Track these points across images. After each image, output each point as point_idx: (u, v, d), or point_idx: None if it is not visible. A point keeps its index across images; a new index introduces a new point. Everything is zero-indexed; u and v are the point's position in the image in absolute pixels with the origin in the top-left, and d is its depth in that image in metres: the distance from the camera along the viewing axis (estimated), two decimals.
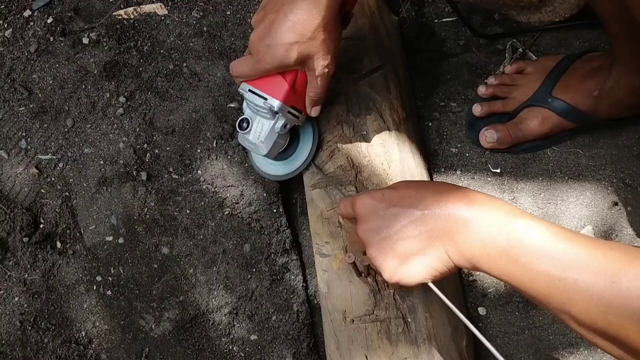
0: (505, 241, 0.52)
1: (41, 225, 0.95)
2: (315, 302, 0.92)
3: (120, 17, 1.06)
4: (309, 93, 0.77)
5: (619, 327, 0.44)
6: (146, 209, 0.94)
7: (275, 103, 0.74)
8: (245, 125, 0.79)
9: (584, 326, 0.48)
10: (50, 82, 1.03)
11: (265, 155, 0.82)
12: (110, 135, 0.99)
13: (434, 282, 0.61)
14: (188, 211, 0.93)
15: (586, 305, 0.46)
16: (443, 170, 0.96)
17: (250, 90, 0.76)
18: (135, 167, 0.96)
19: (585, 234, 0.51)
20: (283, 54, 0.69)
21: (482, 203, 0.55)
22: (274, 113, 0.76)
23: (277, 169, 0.89)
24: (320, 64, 0.71)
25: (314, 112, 0.80)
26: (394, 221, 0.60)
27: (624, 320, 0.44)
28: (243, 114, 0.80)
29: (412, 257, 0.59)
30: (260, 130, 0.79)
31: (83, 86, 1.02)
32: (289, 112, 0.77)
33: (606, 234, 0.90)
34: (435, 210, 0.57)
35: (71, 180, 0.97)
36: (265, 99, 0.74)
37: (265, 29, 0.70)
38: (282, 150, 0.85)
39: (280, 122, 0.78)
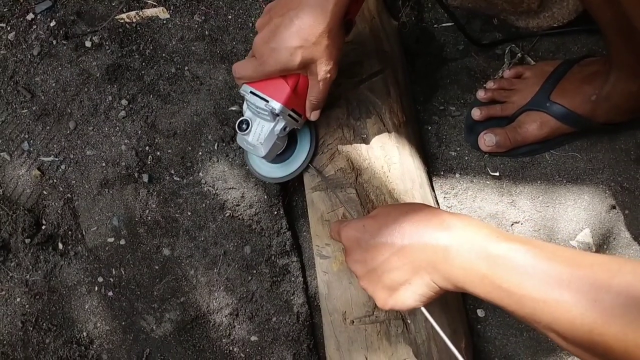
0: (485, 267, 0.52)
1: (43, 227, 0.96)
2: (316, 303, 0.93)
3: (122, 21, 1.07)
4: (310, 97, 0.77)
5: (605, 346, 0.44)
6: (147, 210, 0.95)
7: (277, 105, 0.75)
8: (244, 126, 0.80)
9: (573, 344, 0.47)
10: (53, 84, 1.04)
11: (263, 157, 0.82)
12: (112, 138, 1.00)
13: (426, 306, 0.61)
14: (189, 213, 0.94)
15: (571, 325, 0.46)
16: (442, 173, 0.97)
17: (251, 92, 0.76)
18: (137, 169, 0.97)
19: (568, 248, 0.50)
20: (287, 58, 0.70)
21: (459, 227, 0.55)
22: (275, 115, 0.77)
23: (274, 171, 0.89)
24: (323, 69, 0.72)
25: (313, 116, 0.80)
26: (376, 253, 0.61)
27: (609, 339, 0.43)
28: (243, 115, 0.81)
29: (400, 287, 0.59)
30: (259, 132, 0.80)
31: (85, 89, 1.03)
32: (289, 115, 0.78)
33: (604, 237, 0.90)
34: (414, 240, 0.57)
35: (73, 182, 0.98)
36: (267, 101, 0.75)
37: (270, 32, 0.70)
38: (280, 153, 0.85)
39: (280, 125, 0.79)
